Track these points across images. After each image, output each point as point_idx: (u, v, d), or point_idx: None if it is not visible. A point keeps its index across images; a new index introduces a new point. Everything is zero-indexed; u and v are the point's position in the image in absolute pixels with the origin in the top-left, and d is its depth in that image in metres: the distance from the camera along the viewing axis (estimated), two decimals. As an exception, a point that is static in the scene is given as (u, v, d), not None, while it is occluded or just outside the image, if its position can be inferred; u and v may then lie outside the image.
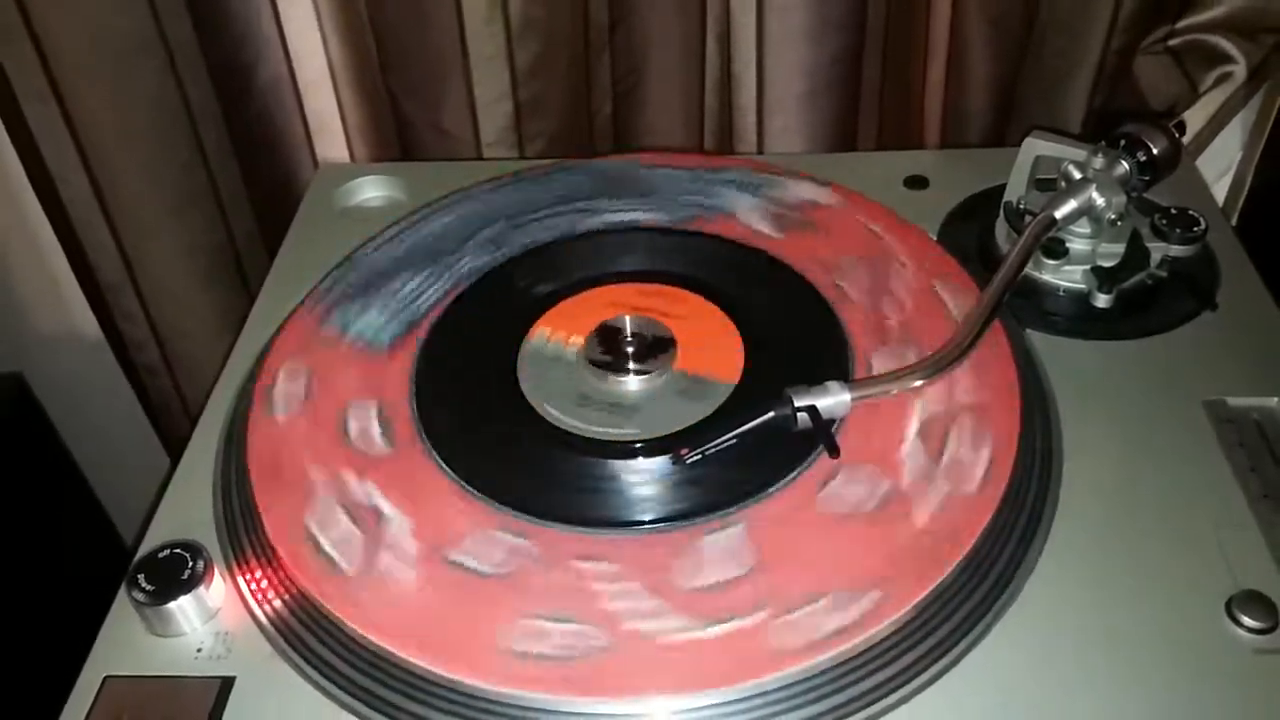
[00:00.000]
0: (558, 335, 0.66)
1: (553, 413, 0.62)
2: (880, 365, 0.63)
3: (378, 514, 0.56)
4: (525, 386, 0.63)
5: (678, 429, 0.60)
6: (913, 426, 0.59)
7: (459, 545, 0.55)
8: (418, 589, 0.53)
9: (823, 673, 0.50)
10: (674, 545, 0.54)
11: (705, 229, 0.73)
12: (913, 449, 0.58)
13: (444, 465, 0.59)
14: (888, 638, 0.51)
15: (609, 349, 0.65)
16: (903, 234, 0.72)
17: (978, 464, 0.57)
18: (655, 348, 0.65)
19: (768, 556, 0.53)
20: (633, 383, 0.63)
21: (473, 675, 0.49)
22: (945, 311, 0.66)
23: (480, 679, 0.49)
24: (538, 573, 0.53)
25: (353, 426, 0.61)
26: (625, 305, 0.68)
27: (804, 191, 0.76)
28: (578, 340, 0.66)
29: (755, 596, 0.52)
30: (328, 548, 0.55)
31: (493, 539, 0.55)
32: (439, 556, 0.54)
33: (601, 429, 0.61)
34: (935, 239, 0.74)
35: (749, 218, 0.74)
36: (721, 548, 0.54)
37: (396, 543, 0.55)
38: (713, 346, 0.65)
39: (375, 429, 0.61)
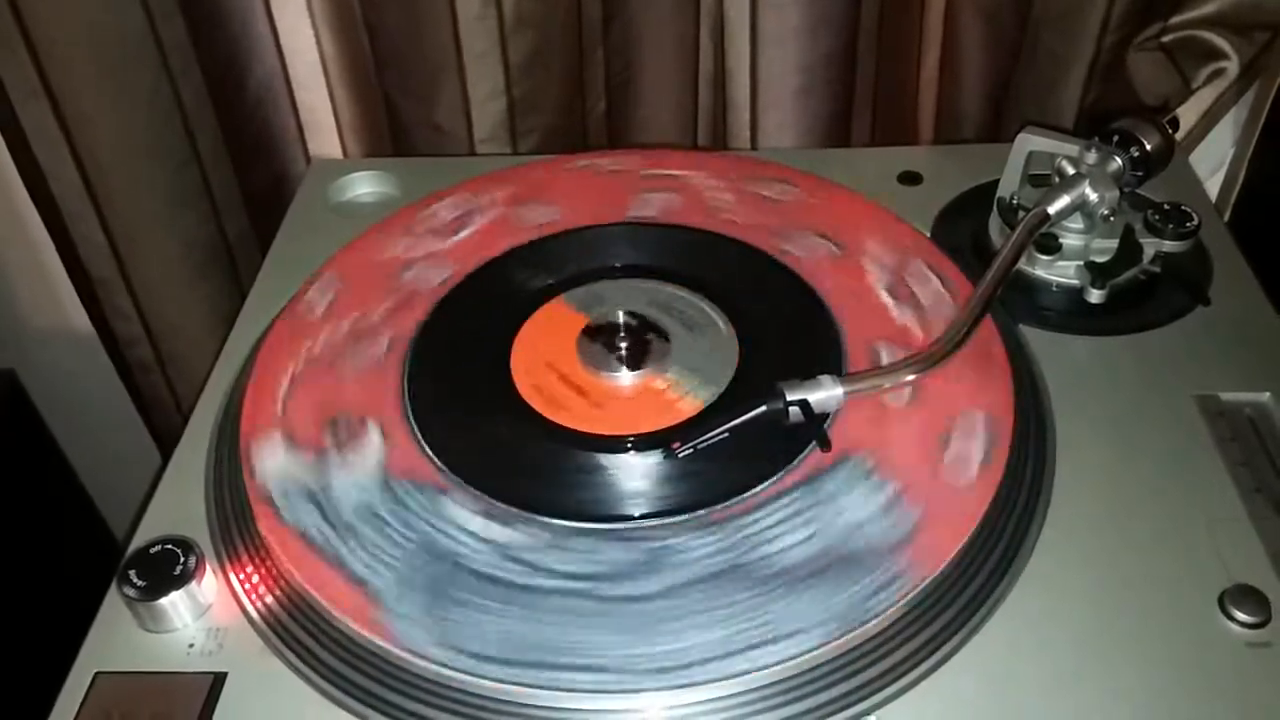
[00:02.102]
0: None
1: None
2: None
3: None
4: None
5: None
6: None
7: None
8: None
9: (818, 666, 0.50)
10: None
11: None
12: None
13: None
14: (882, 632, 0.51)
15: (604, 345, 0.65)
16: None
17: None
18: (648, 337, 0.65)
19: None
20: (630, 377, 0.63)
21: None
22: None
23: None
24: None
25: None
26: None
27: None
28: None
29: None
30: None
31: None
32: None
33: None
34: (929, 235, 0.74)
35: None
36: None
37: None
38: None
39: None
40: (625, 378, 0.63)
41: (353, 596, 0.53)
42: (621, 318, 0.66)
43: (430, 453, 0.60)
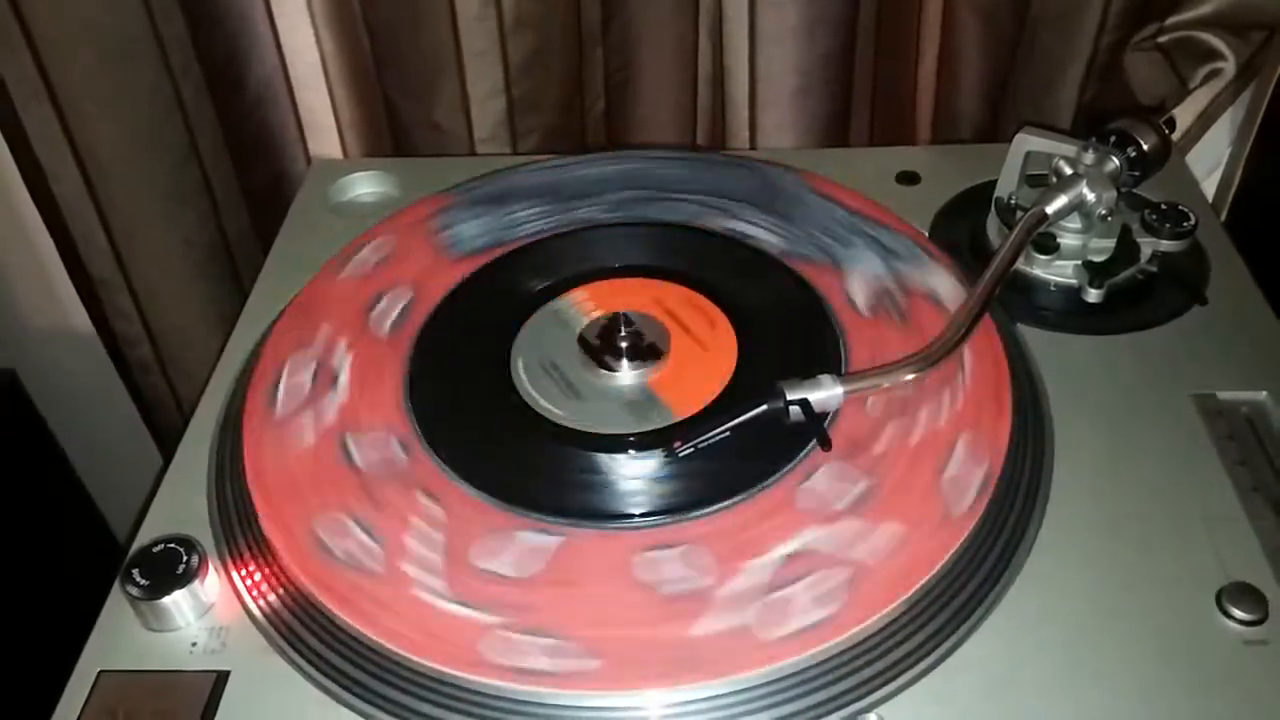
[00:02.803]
0: (582, 305, 0.68)
1: (521, 376, 0.64)
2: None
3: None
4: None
5: (598, 431, 0.61)
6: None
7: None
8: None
9: (813, 667, 0.50)
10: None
11: (805, 273, 0.70)
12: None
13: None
14: (878, 632, 0.51)
15: (604, 339, 0.65)
16: None
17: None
18: (645, 354, 0.65)
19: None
20: (599, 376, 0.64)
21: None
22: None
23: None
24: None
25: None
26: (659, 305, 0.68)
27: (933, 281, 0.68)
28: (590, 315, 0.67)
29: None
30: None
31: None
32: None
33: (546, 403, 0.62)
34: (927, 234, 0.74)
35: (854, 286, 0.69)
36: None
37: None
38: (698, 377, 0.64)
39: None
40: (620, 377, 0.64)
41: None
42: (621, 318, 0.66)
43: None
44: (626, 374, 0.64)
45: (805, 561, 0.53)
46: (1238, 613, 0.52)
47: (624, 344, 0.65)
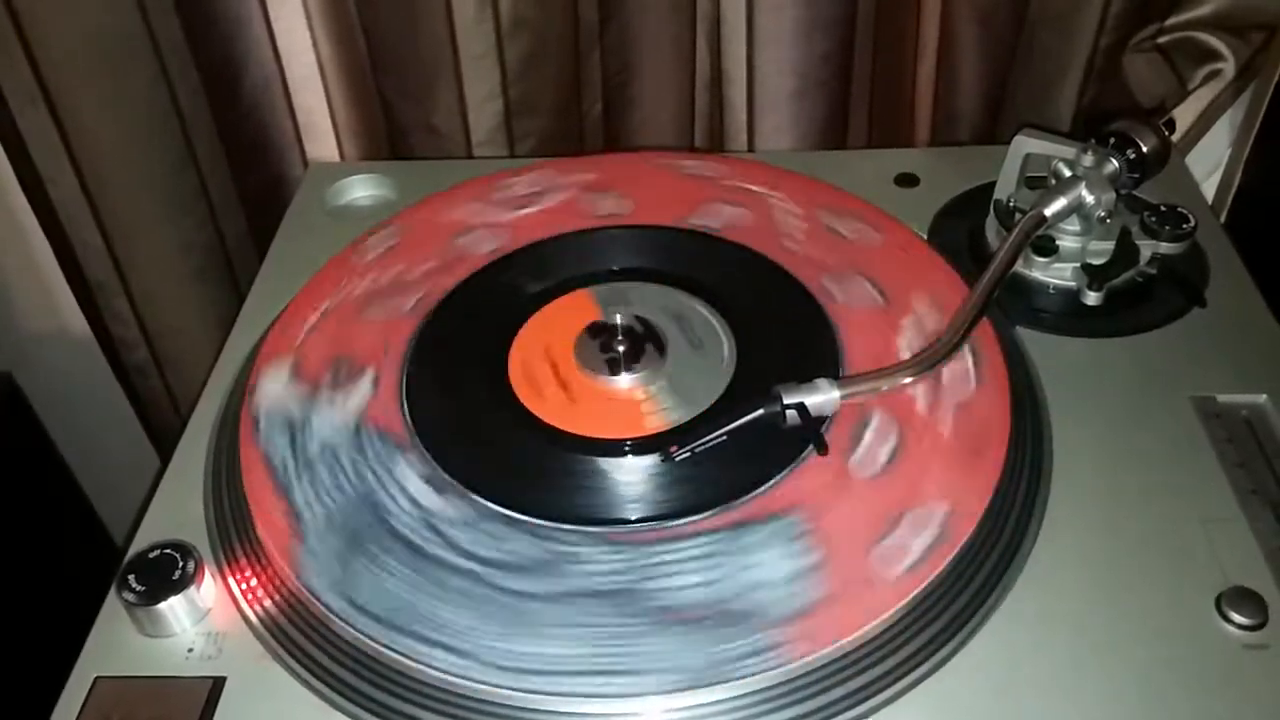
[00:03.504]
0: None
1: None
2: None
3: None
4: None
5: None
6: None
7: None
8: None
9: (814, 671, 0.50)
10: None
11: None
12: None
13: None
14: (878, 636, 0.51)
15: (603, 352, 0.65)
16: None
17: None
18: (646, 343, 0.65)
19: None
20: (634, 379, 0.64)
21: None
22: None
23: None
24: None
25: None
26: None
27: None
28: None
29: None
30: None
31: None
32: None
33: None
34: (925, 237, 0.74)
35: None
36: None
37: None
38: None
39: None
40: (611, 381, 0.63)
41: (281, 525, 0.56)
42: (621, 321, 0.66)
43: (405, 411, 0.61)
44: (624, 378, 0.63)
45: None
46: (1237, 617, 0.52)
47: (621, 348, 0.65)
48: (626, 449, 0.59)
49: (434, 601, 0.52)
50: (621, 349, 0.65)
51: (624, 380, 0.63)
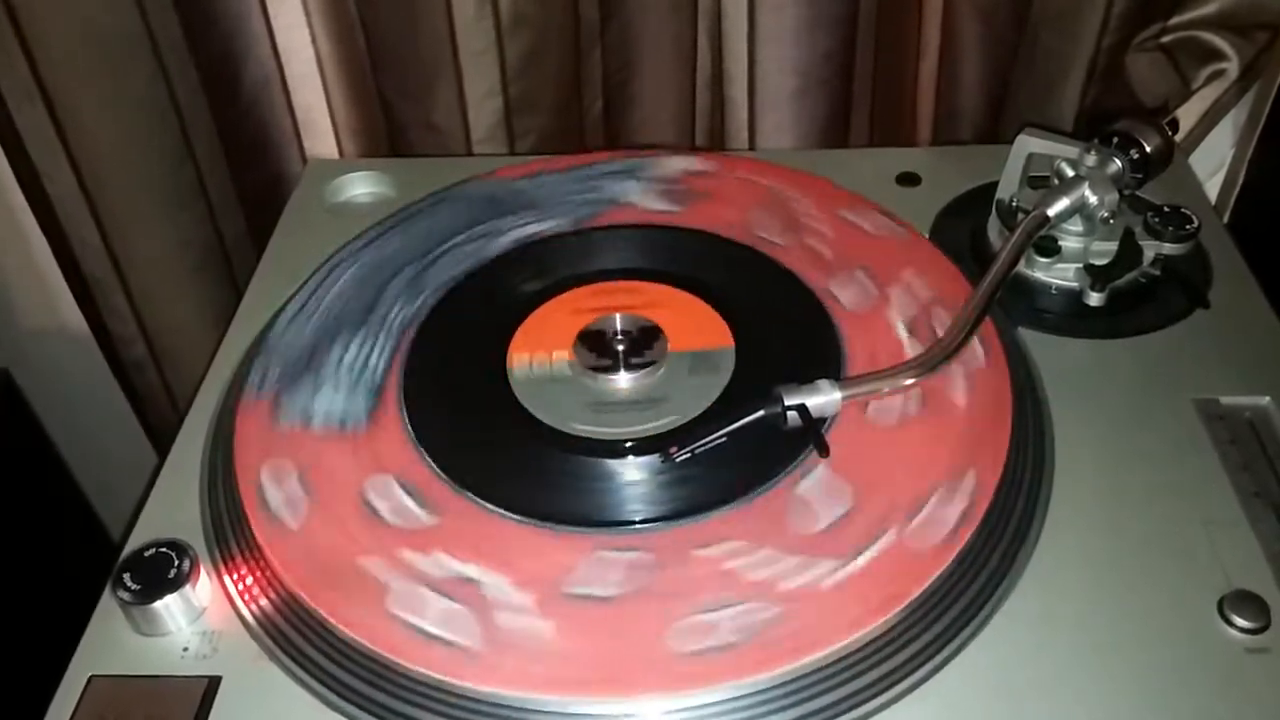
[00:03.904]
0: (539, 356, 0.65)
1: (585, 429, 0.61)
2: (839, 292, 0.67)
3: (469, 581, 0.53)
4: (540, 415, 0.62)
5: (711, 403, 0.61)
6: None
7: (572, 578, 0.53)
8: (558, 634, 0.51)
9: (816, 671, 0.49)
10: (775, 505, 0.55)
11: (611, 220, 0.74)
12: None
13: (505, 513, 0.57)
14: (880, 636, 0.50)
15: (600, 352, 0.65)
16: (781, 175, 0.77)
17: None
18: (644, 339, 0.65)
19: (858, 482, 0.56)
20: (642, 375, 0.63)
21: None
22: (862, 231, 0.71)
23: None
24: (668, 575, 0.53)
25: (382, 506, 0.57)
26: (588, 310, 0.68)
27: (677, 164, 0.78)
28: (562, 354, 0.65)
29: (875, 518, 0.54)
30: (433, 629, 0.51)
31: (604, 560, 0.54)
32: (558, 595, 0.53)
33: (639, 427, 0.60)
34: (927, 236, 0.74)
35: (644, 200, 0.75)
36: (819, 490, 0.55)
37: (506, 601, 0.52)
38: (692, 319, 0.66)
39: (408, 501, 0.57)
40: (617, 380, 0.63)
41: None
42: (620, 323, 0.66)
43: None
44: (623, 377, 0.63)
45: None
46: (1240, 620, 0.52)
47: (620, 347, 0.64)
48: (628, 447, 0.59)
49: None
50: (621, 348, 0.64)
51: (624, 379, 0.63)
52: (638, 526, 0.55)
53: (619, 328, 0.66)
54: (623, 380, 0.63)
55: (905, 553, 0.53)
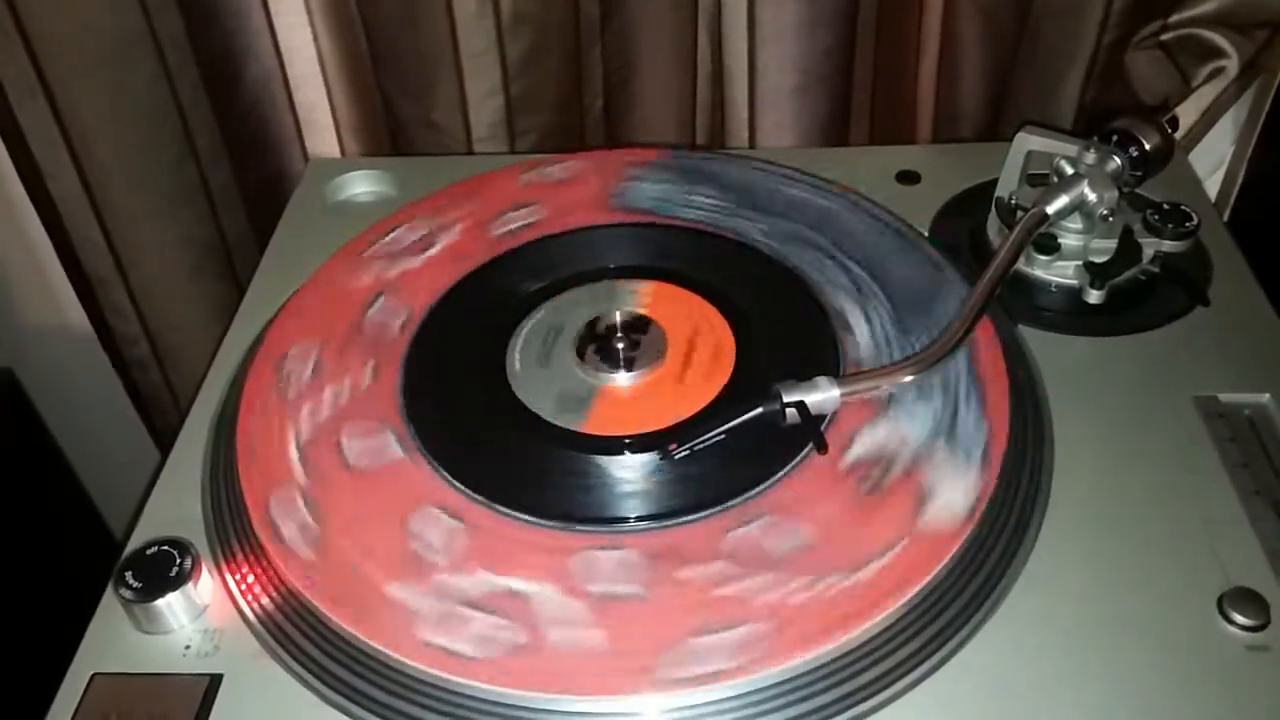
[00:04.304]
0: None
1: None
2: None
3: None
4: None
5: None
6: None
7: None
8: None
9: (815, 670, 0.49)
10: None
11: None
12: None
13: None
14: (879, 635, 0.51)
15: (602, 351, 0.65)
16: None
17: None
18: (644, 336, 0.65)
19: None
20: (644, 373, 0.64)
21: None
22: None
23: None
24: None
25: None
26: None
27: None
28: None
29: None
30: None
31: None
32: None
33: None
34: (927, 234, 0.74)
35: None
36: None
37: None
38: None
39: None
40: (618, 378, 0.63)
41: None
42: (618, 319, 0.66)
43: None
44: (623, 376, 0.63)
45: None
46: (1239, 618, 0.52)
47: (620, 346, 0.65)
48: (627, 445, 0.59)
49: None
50: (621, 346, 0.64)
51: (625, 377, 0.63)
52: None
53: (618, 326, 0.66)
54: (624, 378, 0.63)
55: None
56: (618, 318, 0.66)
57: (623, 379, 0.63)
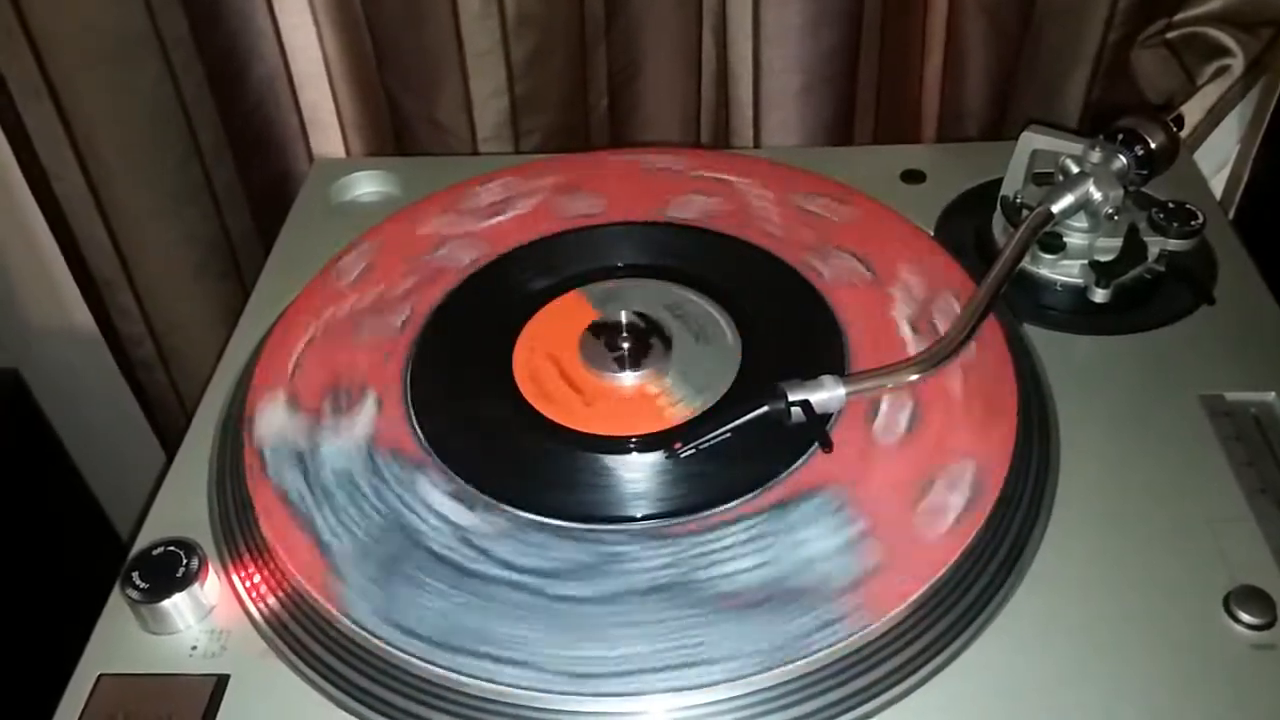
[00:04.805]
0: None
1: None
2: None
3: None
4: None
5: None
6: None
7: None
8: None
9: (821, 669, 0.49)
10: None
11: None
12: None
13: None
14: (884, 635, 0.51)
15: (610, 346, 0.65)
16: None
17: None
18: (649, 335, 0.65)
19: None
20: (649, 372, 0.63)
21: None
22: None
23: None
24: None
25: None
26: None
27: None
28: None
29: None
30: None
31: None
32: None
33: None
34: (932, 233, 0.74)
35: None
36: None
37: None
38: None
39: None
40: (622, 378, 0.63)
41: (311, 558, 0.54)
42: (625, 318, 0.66)
43: (417, 428, 0.61)
44: (629, 376, 0.63)
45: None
46: (1245, 616, 0.52)
47: (626, 345, 0.65)
48: (631, 446, 0.59)
49: (485, 616, 0.51)
50: (627, 345, 0.64)
51: (632, 376, 0.63)
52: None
53: (624, 325, 0.66)
54: (619, 377, 0.63)
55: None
56: (625, 318, 0.66)
57: (623, 378, 0.63)
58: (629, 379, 0.63)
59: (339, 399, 0.62)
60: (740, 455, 0.57)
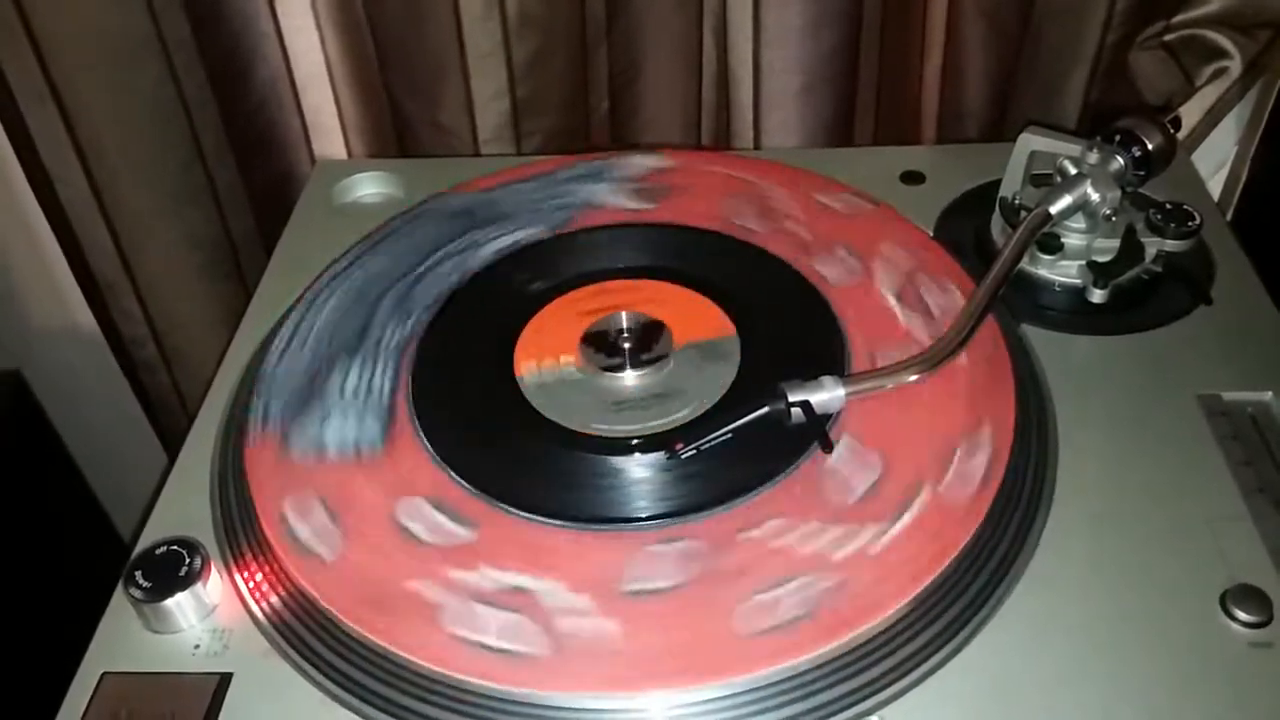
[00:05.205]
0: (546, 361, 0.65)
1: (605, 428, 0.61)
2: (824, 271, 0.69)
3: (523, 592, 0.53)
4: (560, 421, 0.61)
5: (727, 391, 0.62)
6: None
7: (625, 576, 0.53)
8: (623, 633, 0.51)
9: (818, 667, 0.50)
10: (809, 480, 0.56)
11: (585, 223, 0.74)
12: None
13: (545, 520, 0.56)
14: (883, 633, 0.51)
15: (608, 351, 0.65)
16: (746, 165, 0.78)
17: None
18: (649, 334, 0.65)
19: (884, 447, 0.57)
20: (652, 371, 0.64)
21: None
22: (835, 213, 0.73)
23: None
24: (720, 561, 0.53)
25: (417, 529, 0.56)
26: (587, 311, 0.68)
27: (644, 162, 0.79)
28: (569, 358, 0.65)
29: (908, 480, 0.56)
30: (496, 644, 0.51)
31: (654, 555, 0.54)
32: (615, 594, 0.53)
33: (660, 421, 0.61)
34: (931, 234, 0.74)
35: (616, 200, 0.76)
36: (848, 461, 0.57)
37: (565, 606, 0.52)
38: (692, 313, 0.67)
39: (442, 519, 0.57)
40: (623, 378, 0.64)
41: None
42: (624, 320, 0.66)
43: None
44: (630, 375, 0.64)
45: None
46: (1242, 615, 0.52)
47: (626, 345, 0.65)
48: (633, 444, 0.59)
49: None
50: (627, 346, 0.65)
51: (632, 376, 0.63)
52: (680, 519, 0.55)
53: (623, 325, 0.66)
54: (631, 377, 0.64)
55: (910, 549, 0.53)
56: (624, 318, 0.67)
57: (631, 377, 0.63)
58: (629, 379, 0.63)
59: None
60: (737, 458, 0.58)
